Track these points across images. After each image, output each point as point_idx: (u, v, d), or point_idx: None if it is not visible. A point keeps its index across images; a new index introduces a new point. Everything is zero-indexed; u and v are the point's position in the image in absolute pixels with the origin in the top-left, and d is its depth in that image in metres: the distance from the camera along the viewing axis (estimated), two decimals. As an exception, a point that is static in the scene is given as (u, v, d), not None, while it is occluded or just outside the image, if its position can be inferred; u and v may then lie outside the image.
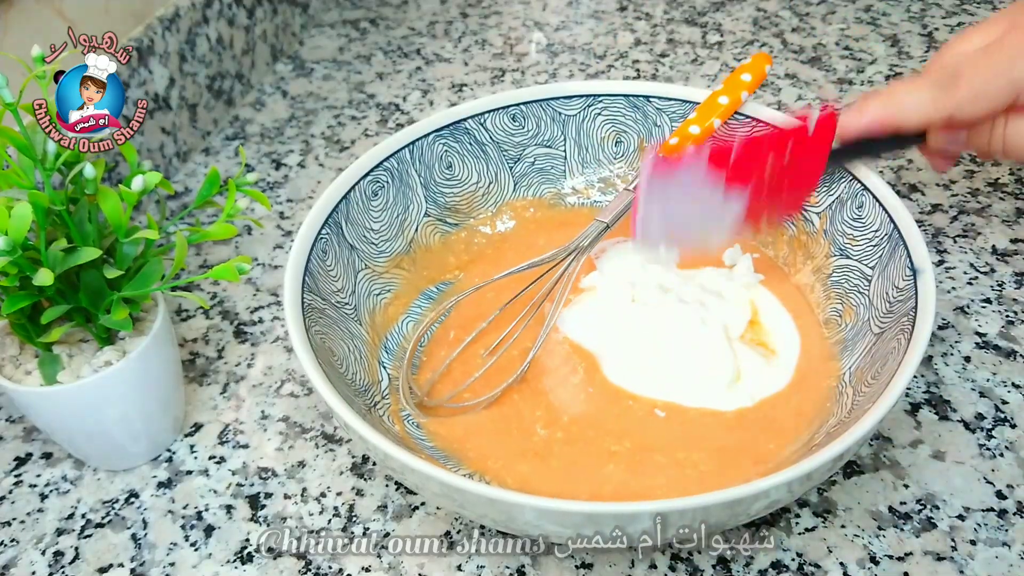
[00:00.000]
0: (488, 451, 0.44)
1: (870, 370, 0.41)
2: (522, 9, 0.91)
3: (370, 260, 0.51)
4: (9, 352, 0.44)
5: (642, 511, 0.33)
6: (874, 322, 0.44)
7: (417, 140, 0.53)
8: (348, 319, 0.47)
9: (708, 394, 0.45)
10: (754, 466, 0.42)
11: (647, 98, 0.55)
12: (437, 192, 0.54)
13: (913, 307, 0.40)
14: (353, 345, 0.46)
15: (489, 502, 0.35)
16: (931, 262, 0.42)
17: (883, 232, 0.45)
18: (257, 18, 0.79)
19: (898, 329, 0.41)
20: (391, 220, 0.52)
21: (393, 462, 0.36)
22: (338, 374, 0.43)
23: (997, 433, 0.45)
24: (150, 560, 0.43)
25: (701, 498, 0.33)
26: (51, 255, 0.40)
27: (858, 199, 0.47)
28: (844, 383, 0.44)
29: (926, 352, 0.49)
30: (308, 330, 0.42)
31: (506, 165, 0.56)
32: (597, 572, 0.41)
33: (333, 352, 0.44)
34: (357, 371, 0.45)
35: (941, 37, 0.80)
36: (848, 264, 0.48)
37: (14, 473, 0.47)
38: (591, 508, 0.33)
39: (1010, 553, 0.40)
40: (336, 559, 0.42)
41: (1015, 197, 0.61)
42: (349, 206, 0.49)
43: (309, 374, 0.39)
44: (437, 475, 0.35)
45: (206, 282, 0.58)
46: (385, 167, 0.51)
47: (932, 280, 0.41)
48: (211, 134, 0.73)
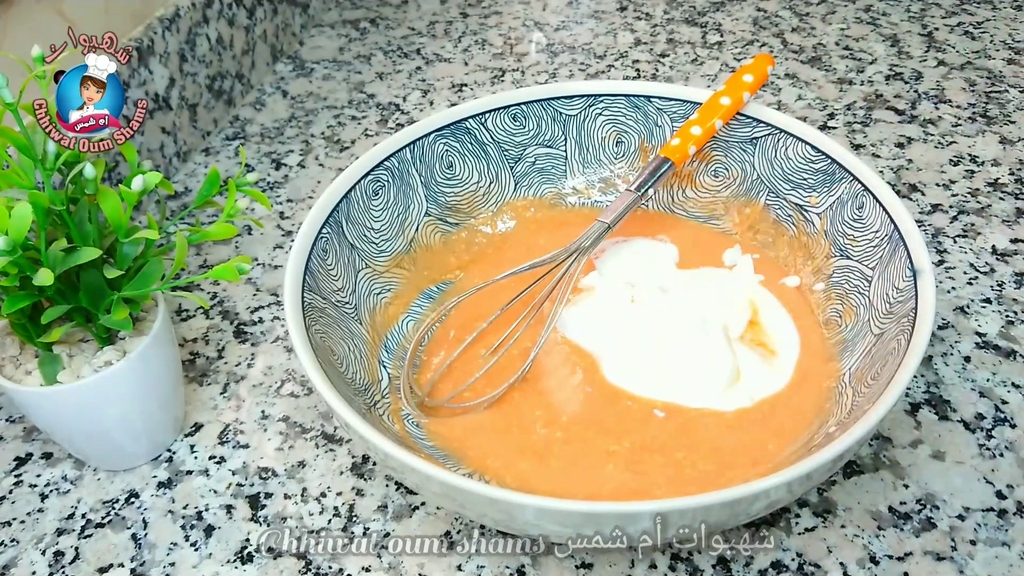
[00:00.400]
0: (488, 450, 0.44)
1: (870, 371, 0.41)
2: (522, 9, 0.91)
3: (371, 259, 0.51)
4: (9, 352, 0.44)
5: (642, 511, 0.33)
6: (874, 323, 0.44)
7: (418, 139, 0.53)
8: (348, 318, 0.47)
9: (708, 394, 0.45)
10: (753, 466, 0.42)
11: (648, 98, 0.55)
12: (438, 192, 0.54)
13: (913, 308, 0.40)
14: (353, 344, 0.46)
15: (489, 502, 0.35)
16: (931, 262, 0.42)
17: (883, 233, 0.45)
18: (257, 18, 0.79)
19: (898, 330, 0.41)
20: (392, 219, 0.52)
21: (393, 461, 0.36)
22: (338, 374, 0.43)
23: (997, 433, 0.45)
24: (150, 560, 0.43)
25: (701, 498, 0.33)
26: (51, 255, 0.40)
27: (858, 200, 0.47)
28: (844, 383, 0.44)
29: (926, 352, 0.49)
30: (308, 329, 0.42)
31: (507, 165, 0.56)
32: (597, 572, 0.41)
33: (333, 351, 0.44)
34: (357, 370, 0.45)
35: (941, 37, 0.80)
36: (848, 265, 0.48)
37: (14, 473, 0.47)
38: (591, 508, 0.33)
39: (1010, 553, 0.40)
40: (336, 559, 0.42)
41: (1015, 197, 0.61)
42: (350, 205, 0.49)
43: (309, 373, 0.39)
44: (437, 475, 0.35)
45: (206, 282, 0.58)
46: (386, 166, 0.51)
47: (932, 281, 0.41)
48: (211, 134, 0.73)
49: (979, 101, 0.71)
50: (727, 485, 0.33)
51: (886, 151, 0.66)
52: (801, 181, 0.51)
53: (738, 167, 0.54)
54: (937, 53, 0.78)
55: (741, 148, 0.53)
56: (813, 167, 0.50)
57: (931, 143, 0.67)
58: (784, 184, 0.52)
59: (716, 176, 0.55)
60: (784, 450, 0.42)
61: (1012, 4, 0.85)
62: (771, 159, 0.52)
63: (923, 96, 0.72)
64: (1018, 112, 0.69)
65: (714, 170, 0.55)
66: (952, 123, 0.69)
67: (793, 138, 0.51)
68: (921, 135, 0.67)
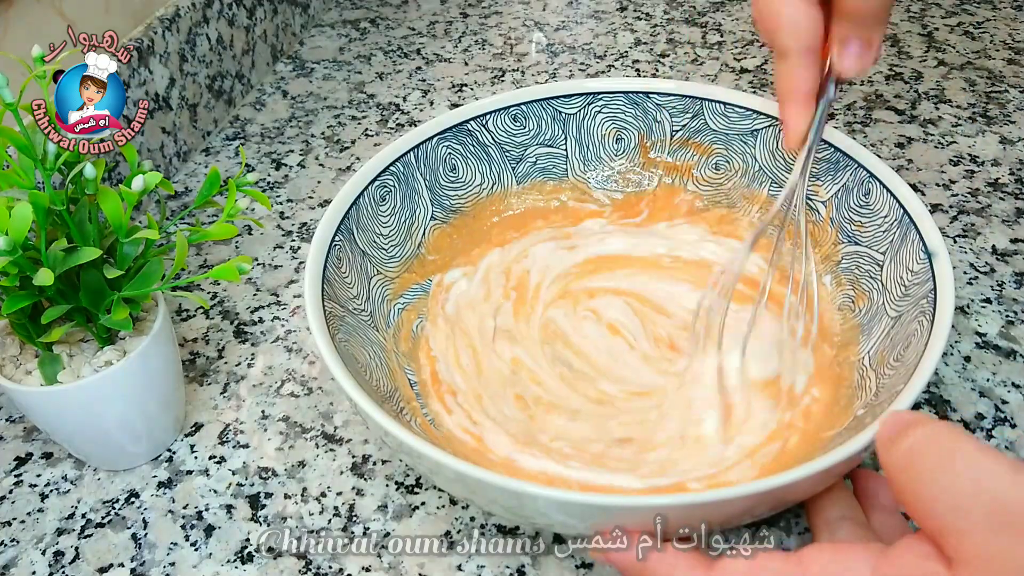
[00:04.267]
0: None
1: (891, 352, 0.42)
2: (522, 9, 0.91)
3: (381, 265, 0.50)
4: (9, 352, 0.44)
5: (682, 501, 0.33)
6: (889, 306, 0.44)
7: (421, 143, 0.53)
8: (366, 326, 0.47)
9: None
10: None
11: (646, 94, 0.55)
12: (442, 195, 0.54)
13: (932, 289, 0.41)
14: (373, 352, 0.46)
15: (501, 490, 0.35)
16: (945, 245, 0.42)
17: (893, 218, 0.46)
18: (257, 18, 0.79)
19: (918, 312, 0.41)
20: (399, 224, 0.52)
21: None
22: (365, 382, 0.42)
23: (997, 433, 0.45)
24: (150, 560, 0.43)
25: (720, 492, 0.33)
26: (51, 255, 0.40)
27: (864, 186, 0.47)
28: (864, 366, 0.44)
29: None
30: (333, 338, 0.41)
31: (508, 165, 0.56)
32: (597, 572, 0.41)
33: (357, 359, 0.43)
34: (379, 377, 0.45)
35: (941, 37, 0.80)
36: (857, 251, 0.48)
37: (14, 473, 0.47)
38: (597, 500, 0.34)
39: (1010, 553, 0.40)
40: (336, 559, 0.42)
41: (1015, 197, 0.61)
42: (359, 212, 0.49)
43: (341, 383, 0.38)
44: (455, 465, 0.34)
45: (206, 282, 0.58)
46: (391, 171, 0.51)
47: (948, 262, 0.41)
48: (211, 134, 0.73)
49: (979, 101, 0.71)
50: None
51: (886, 151, 0.66)
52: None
53: (739, 159, 0.54)
54: (937, 53, 0.78)
55: (742, 140, 0.53)
56: (816, 156, 0.50)
57: (931, 143, 0.67)
58: (787, 174, 0.52)
59: (717, 169, 0.55)
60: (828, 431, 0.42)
61: (1012, 4, 0.85)
62: (772, 150, 0.52)
63: (923, 96, 0.72)
64: (1018, 112, 0.69)
65: (715, 163, 0.55)
66: (952, 123, 0.69)
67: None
68: (921, 135, 0.67)
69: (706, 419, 0.44)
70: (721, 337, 0.46)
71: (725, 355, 0.46)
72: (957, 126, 0.68)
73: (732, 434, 0.43)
